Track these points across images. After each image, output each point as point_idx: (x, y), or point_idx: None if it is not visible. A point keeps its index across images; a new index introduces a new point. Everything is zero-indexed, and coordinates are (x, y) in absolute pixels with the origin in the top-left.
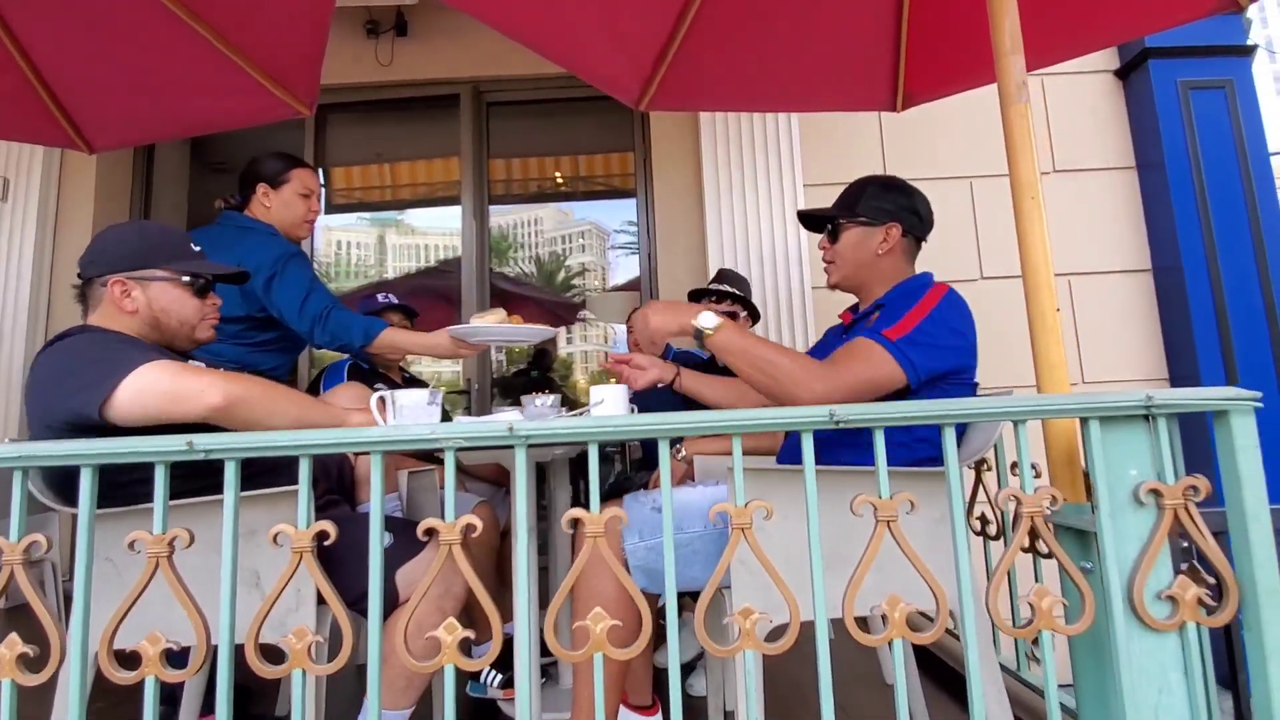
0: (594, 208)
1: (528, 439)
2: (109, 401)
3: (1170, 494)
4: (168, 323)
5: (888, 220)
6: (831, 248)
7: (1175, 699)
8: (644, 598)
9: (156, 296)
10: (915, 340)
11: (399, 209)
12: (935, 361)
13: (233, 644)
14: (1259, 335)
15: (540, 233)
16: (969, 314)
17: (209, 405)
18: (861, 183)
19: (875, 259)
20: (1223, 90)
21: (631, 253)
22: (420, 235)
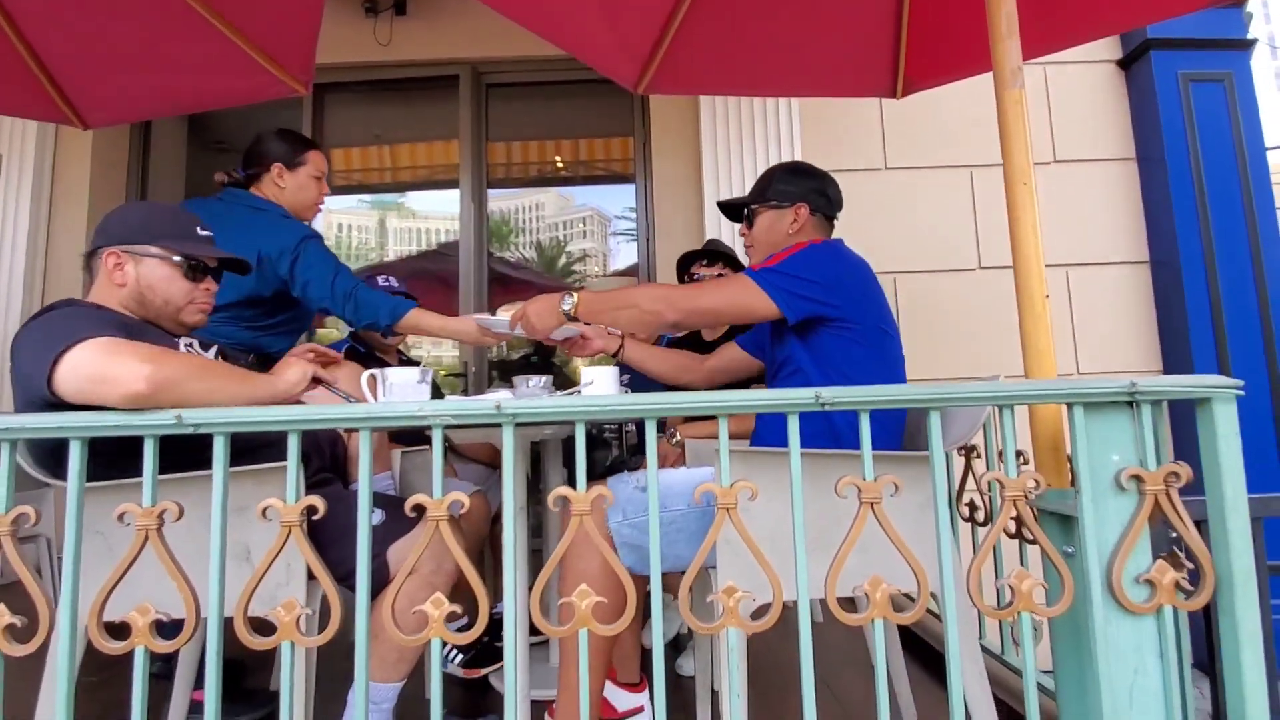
0: (593, 192)
1: (515, 417)
2: (52, 377)
3: (1151, 480)
4: (153, 300)
5: (795, 201)
6: (750, 233)
7: (1150, 680)
8: (629, 576)
9: (146, 273)
10: (778, 270)
11: (396, 191)
12: (801, 290)
13: (222, 616)
14: (1252, 329)
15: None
16: (848, 259)
17: (131, 392)
18: (770, 171)
19: (786, 237)
20: (1222, 84)
21: (622, 237)
22: (418, 218)
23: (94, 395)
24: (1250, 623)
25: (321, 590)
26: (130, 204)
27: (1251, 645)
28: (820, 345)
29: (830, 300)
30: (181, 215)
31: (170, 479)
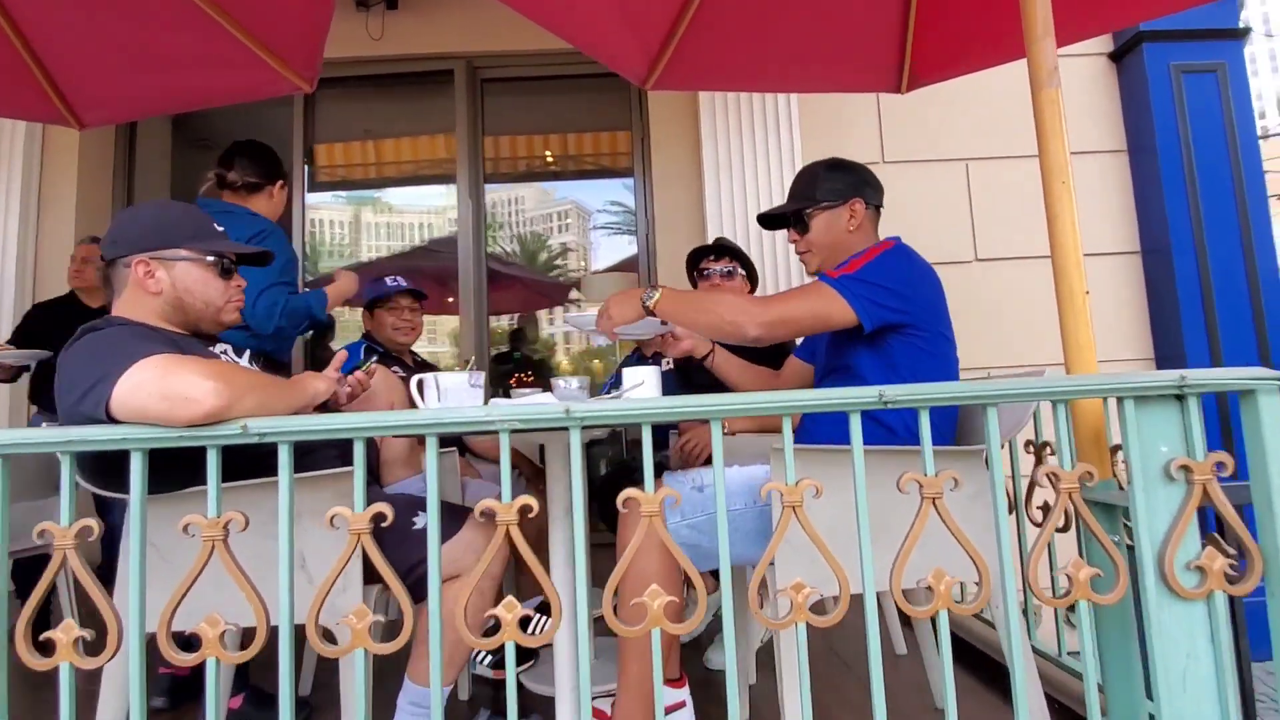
0: (590, 187)
1: (583, 421)
2: (110, 402)
3: (1199, 470)
4: (192, 304)
5: (849, 197)
6: (803, 238)
7: (1202, 664)
8: (699, 575)
9: (180, 277)
10: (858, 278)
11: (390, 186)
12: (880, 299)
13: (293, 625)
14: (1243, 317)
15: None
16: (920, 265)
17: (206, 410)
18: (811, 170)
19: (848, 236)
20: (1214, 74)
21: (620, 232)
22: (411, 214)
23: (163, 414)
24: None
25: (374, 596)
26: (139, 207)
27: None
28: (889, 351)
29: (906, 308)
30: (197, 213)
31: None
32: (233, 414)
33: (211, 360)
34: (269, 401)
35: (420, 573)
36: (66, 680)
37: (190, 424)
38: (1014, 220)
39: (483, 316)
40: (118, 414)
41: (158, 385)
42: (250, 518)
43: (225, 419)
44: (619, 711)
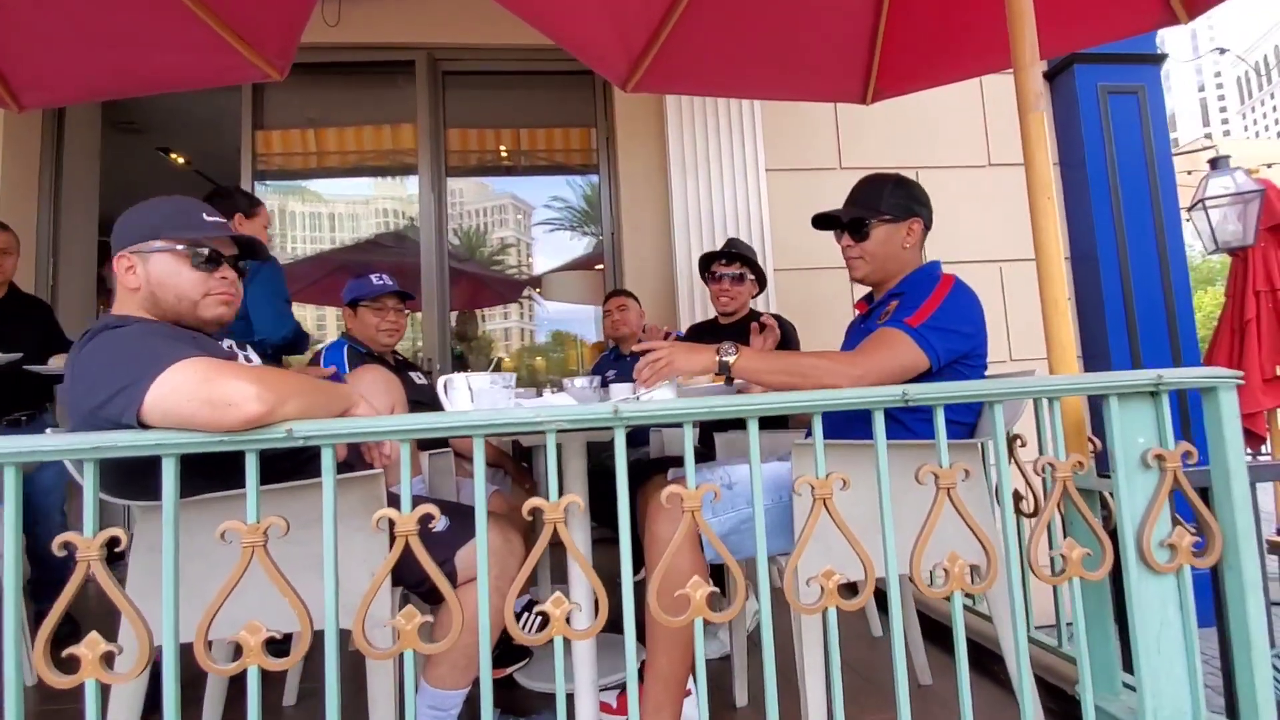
0: (554, 184)
1: (628, 420)
2: (143, 407)
3: (1171, 458)
4: (164, 298)
5: (910, 215)
6: (857, 244)
7: (1174, 630)
8: (738, 567)
9: (153, 270)
10: (934, 326)
11: (346, 177)
12: (952, 343)
13: (338, 629)
14: (1158, 318)
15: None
16: (976, 300)
17: (246, 417)
18: (877, 181)
19: (901, 252)
20: (1136, 95)
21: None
22: (369, 205)
23: (206, 420)
24: (1252, 572)
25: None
26: (140, 204)
27: (1254, 592)
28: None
29: (968, 347)
30: (185, 202)
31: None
32: (275, 419)
33: (251, 366)
34: (312, 406)
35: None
36: (92, 699)
37: (232, 429)
38: (962, 227)
39: (445, 312)
40: (151, 419)
41: (199, 389)
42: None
43: (268, 424)
44: (649, 702)
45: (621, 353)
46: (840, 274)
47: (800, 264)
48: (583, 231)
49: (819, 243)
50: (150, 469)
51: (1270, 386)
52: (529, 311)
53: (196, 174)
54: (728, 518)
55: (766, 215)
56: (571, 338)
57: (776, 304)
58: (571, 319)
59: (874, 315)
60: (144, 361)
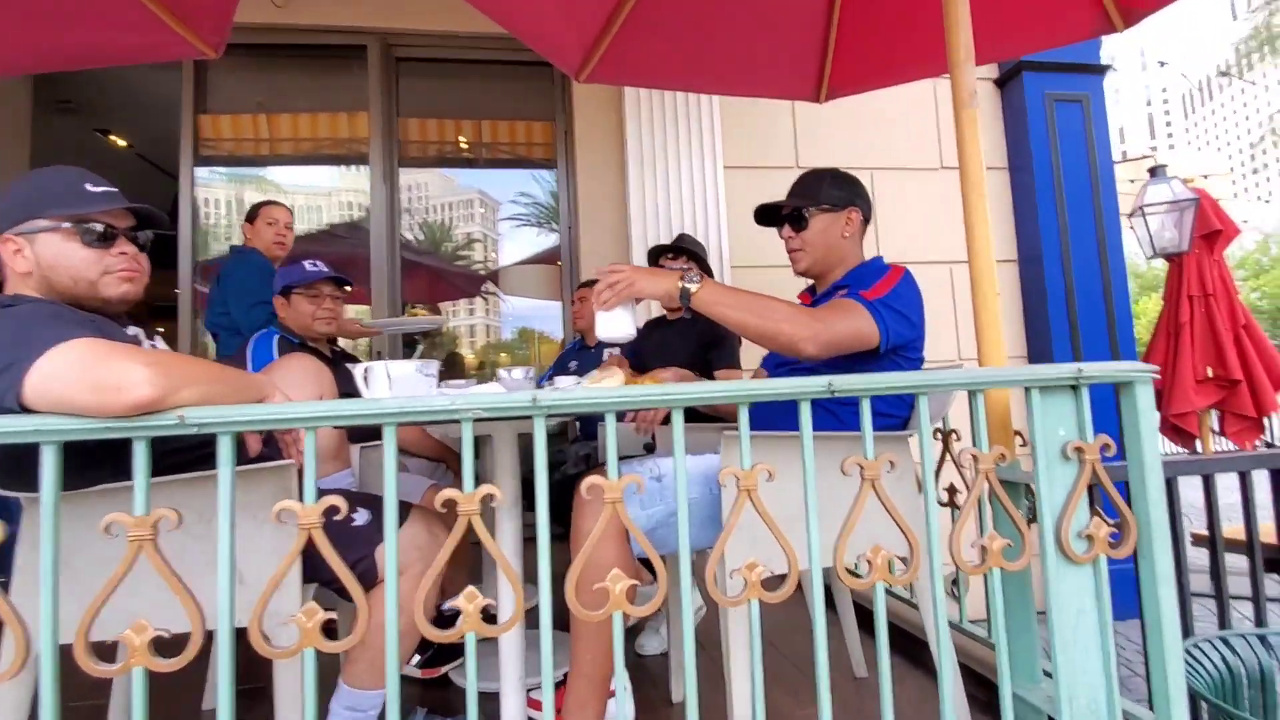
0: (508, 176)
1: (549, 409)
2: (24, 390)
3: (1090, 450)
4: (59, 280)
5: (847, 205)
6: (798, 235)
7: (1089, 619)
8: (660, 560)
9: (42, 251)
10: (888, 304)
11: (293, 165)
12: (900, 327)
13: (233, 629)
14: (1098, 317)
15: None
16: (921, 294)
17: (133, 402)
18: (817, 175)
19: (841, 242)
20: (1080, 104)
21: (541, 224)
22: (317, 195)
23: (90, 405)
24: (1165, 564)
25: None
26: (18, 179)
27: (1166, 583)
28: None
29: (911, 335)
30: (66, 173)
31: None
32: (168, 405)
33: (148, 350)
34: (214, 395)
35: (359, 571)
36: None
37: (120, 415)
38: (913, 227)
39: (398, 305)
40: (33, 403)
41: (85, 372)
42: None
43: (159, 410)
44: (572, 697)
45: (586, 345)
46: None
47: (756, 261)
48: (541, 225)
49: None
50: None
51: (1202, 387)
52: (490, 306)
53: (139, 158)
54: (657, 510)
55: (724, 212)
56: (533, 333)
57: None
58: (533, 314)
59: (819, 305)
60: (29, 342)
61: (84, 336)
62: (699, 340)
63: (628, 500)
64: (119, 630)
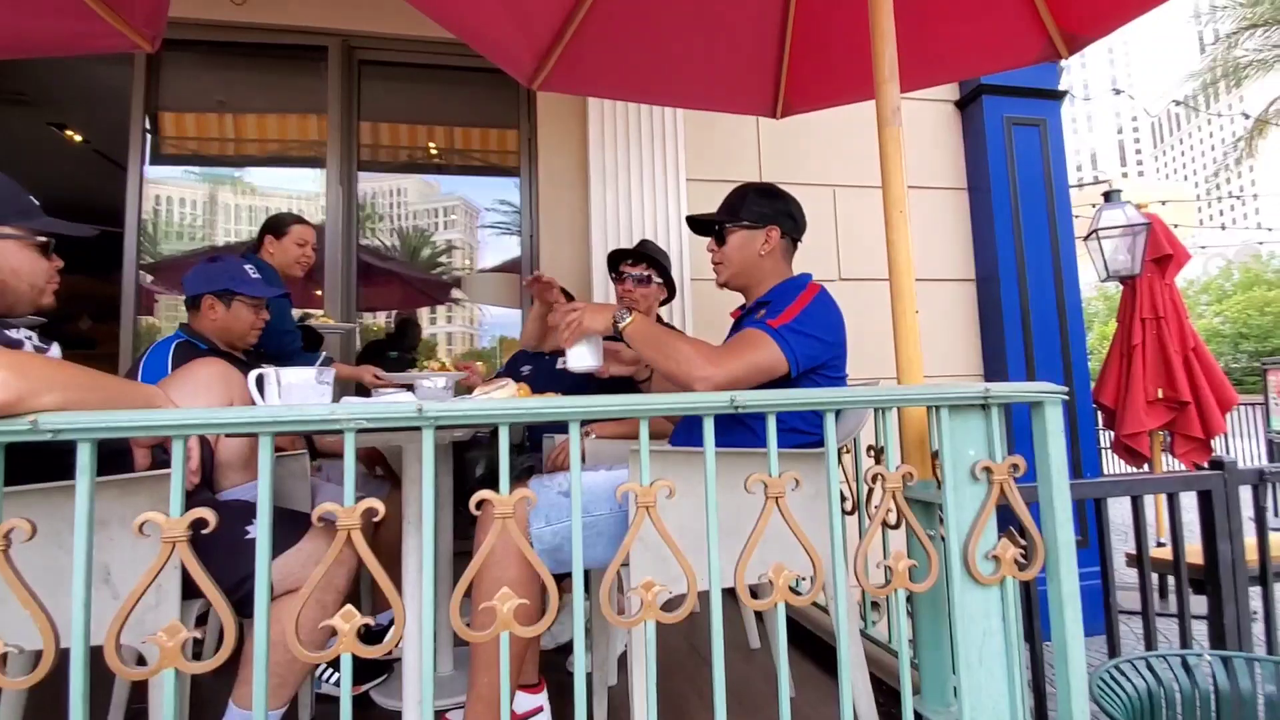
0: (471, 183)
1: (436, 420)
2: None
3: (998, 470)
4: (17, 285)
5: (767, 223)
6: (719, 250)
7: (995, 640)
8: (552, 579)
9: (7, 258)
10: (794, 329)
11: (248, 166)
12: (811, 349)
13: (88, 647)
14: (1051, 337)
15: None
16: (839, 312)
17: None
18: (743, 190)
19: (759, 259)
20: (1037, 128)
21: (504, 232)
22: (273, 197)
23: None
24: (1070, 584)
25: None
26: None
27: (1072, 603)
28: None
29: (827, 355)
30: (18, 187)
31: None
32: (23, 409)
33: (12, 351)
34: (84, 400)
35: (251, 586)
36: None
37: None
38: (872, 244)
39: (351, 311)
40: None
41: None
42: (41, 526)
43: (13, 414)
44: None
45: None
46: None
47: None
48: (504, 232)
49: None
50: None
51: (1153, 408)
52: (463, 314)
53: (95, 153)
54: (563, 526)
55: (685, 224)
56: (496, 339)
57: (692, 314)
58: (501, 322)
59: (743, 324)
60: None
61: None
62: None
63: (534, 516)
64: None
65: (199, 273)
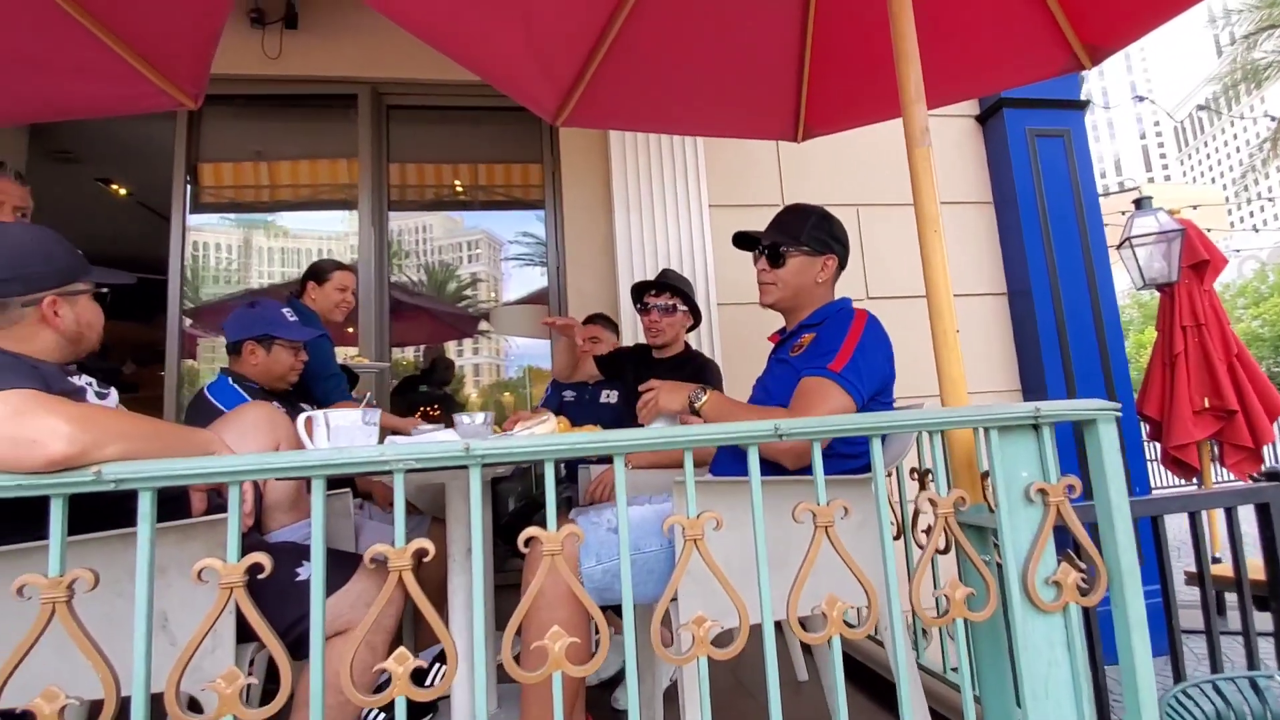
0: (499, 218)
1: (483, 458)
2: None
3: (1054, 492)
4: (89, 337)
5: (826, 251)
6: (772, 270)
7: (1061, 670)
8: (601, 614)
9: (83, 312)
10: (856, 367)
11: (284, 210)
12: (873, 383)
13: (148, 695)
14: (1090, 349)
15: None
16: (888, 337)
17: (48, 458)
18: (803, 212)
19: (814, 285)
20: (1062, 139)
21: (530, 264)
22: (307, 239)
23: (6, 459)
24: (1137, 609)
25: (249, 658)
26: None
27: (1140, 629)
28: None
29: (884, 385)
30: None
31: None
32: (88, 460)
33: (78, 404)
34: (145, 450)
35: (303, 629)
36: None
37: (35, 470)
38: (899, 262)
39: (384, 348)
40: None
41: (4, 425)
42: (101, 575)
43: (80, 465)
44: None
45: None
46: None
47: (742, 299)
48: (531, 265)
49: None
50: None
51: (1200, 418)
52: (491, 346)
53: (140, 205)
54: (614, 564)
55: (709, 249)
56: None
57: (719, 338)
58: (530, 353)
59: (786, 346)
60: None
61: (19, 387)
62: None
63: (584, 555)
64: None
65: (239, 318)
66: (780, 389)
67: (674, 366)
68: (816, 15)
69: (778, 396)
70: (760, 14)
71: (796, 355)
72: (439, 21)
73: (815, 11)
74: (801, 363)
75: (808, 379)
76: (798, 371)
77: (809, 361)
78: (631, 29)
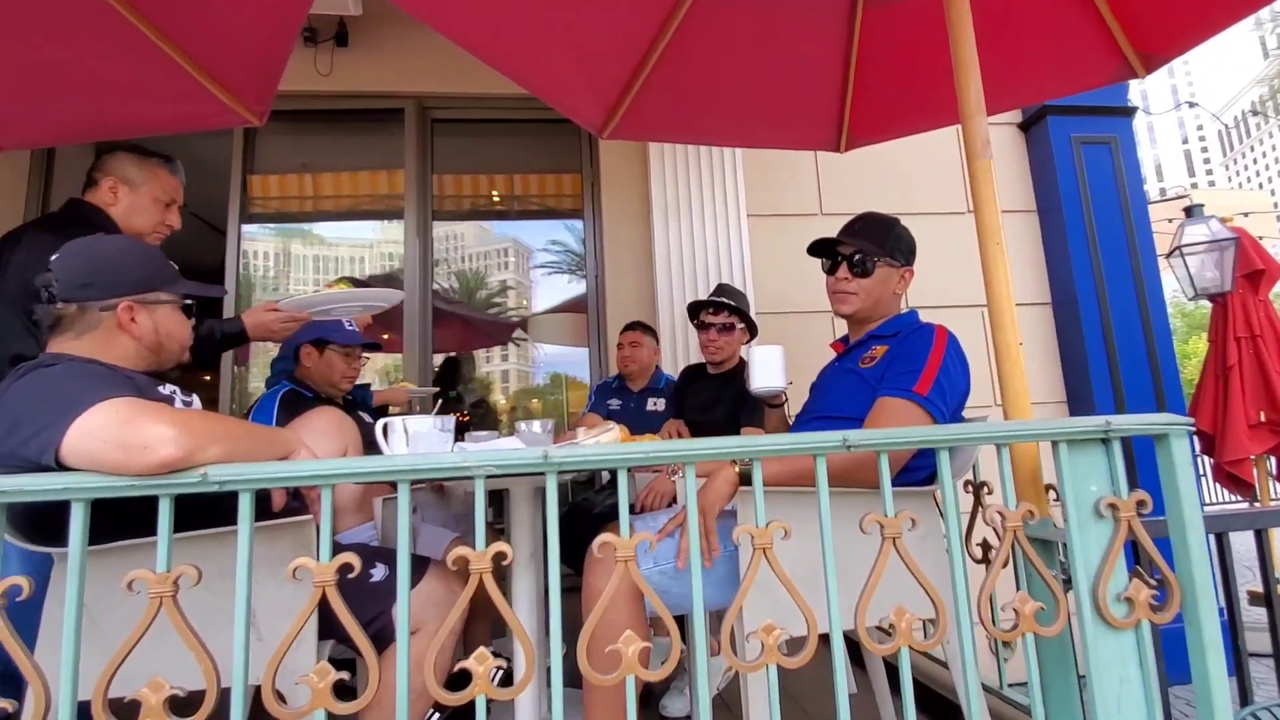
0: (539, 228)
1: (560, 465)
2: (61, 448)
3: (1125, 507)
4: (170, 347)
5: (908, 263)
6: (855, 279)
7: (1134, 689)
8: (673, 620)
9: (163, 321)
10: (941, 389)
11: (332, 220)
12: (954, 404)
13: (247, 687)
14: (1139, 360)
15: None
16: (965, 356)
17: (159, 461)
18: (883, 221)
19: (893, 297)
20: (1108, 146)
21: (569, 272)
22: (354, 249)
23: (117, 463)
24: (1212, 628)
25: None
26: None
27: (1214, 649)
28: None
29: (961, 400)
30: (159, 254)
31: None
32: (192, 463)
33: (178, 409)
34: (240, 452)
35: (376, 628)
36: None
37: (146, 474)
38: (943, 272)
39: (427, 355)
40: (69, 460)
41: (115, 432)
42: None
43: (185, 468)
44: None
45: (628, 387)
46: (819, 318)
47: (780, 308)
48: (570, 274)
49: (799, 287)
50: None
51: (1255, 432)
52: (522, 354)
53: (193, 216)
54: (669, 566)
55: (748, 260)
56: (563, 379)
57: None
58: (562, 360)
59: (853, 356)
60: (67, 401)
61: (121, 396)
62: (735, 394)
63: (641, 558)
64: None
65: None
66: (848, 401)
67: (726, 380)
68: (863, 23)
69: (844, 407)
70: (807, 23)
71: (868, 367)
72: (494, 40)
73: (862, 19)
74: (878, 379)
75: (890, 399)
76: (872, 387)
77: (891, 381)
78: (679, 42)
